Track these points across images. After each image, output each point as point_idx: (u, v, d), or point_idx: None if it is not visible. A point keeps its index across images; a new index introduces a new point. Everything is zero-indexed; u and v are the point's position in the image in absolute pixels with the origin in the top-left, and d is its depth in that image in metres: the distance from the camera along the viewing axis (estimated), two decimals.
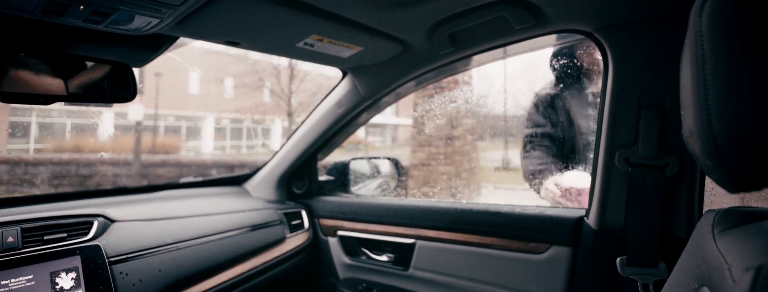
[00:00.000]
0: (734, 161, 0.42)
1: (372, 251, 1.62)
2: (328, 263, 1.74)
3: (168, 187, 1.67)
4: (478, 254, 1.35)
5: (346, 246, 1.70)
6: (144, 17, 0.85)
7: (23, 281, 0.94)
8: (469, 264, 1.37)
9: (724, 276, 0.45)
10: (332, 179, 1.93)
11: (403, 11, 1.04)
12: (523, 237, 1.26)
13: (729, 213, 0.55)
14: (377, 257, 1.59)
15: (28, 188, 3.74)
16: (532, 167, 1.82)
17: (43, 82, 0.90)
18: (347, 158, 1.96)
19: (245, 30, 1.05)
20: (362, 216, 1.65)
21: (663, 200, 1.02)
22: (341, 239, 1.72)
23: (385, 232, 1.58)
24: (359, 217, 1.66)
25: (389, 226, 1.56)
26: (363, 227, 1.65)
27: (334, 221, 1.74)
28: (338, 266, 1.72)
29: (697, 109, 0.43)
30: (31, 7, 0.75)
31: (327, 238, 1.78)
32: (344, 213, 1.71)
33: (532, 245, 1.24)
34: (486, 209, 1.36)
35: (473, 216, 1.37)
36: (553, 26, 1.11)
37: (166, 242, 1.23)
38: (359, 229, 1.66)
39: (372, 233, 1.63)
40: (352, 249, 1.68)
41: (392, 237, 1.54)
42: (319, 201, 1.83)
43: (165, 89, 11.94)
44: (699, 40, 0.44)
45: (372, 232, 1.62)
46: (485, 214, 1.35)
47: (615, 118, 1.08)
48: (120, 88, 1.02)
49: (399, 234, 1.52)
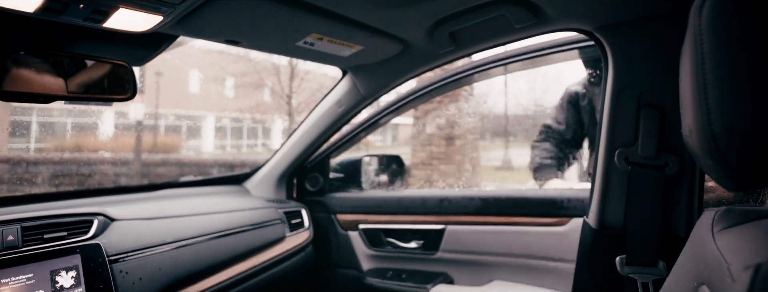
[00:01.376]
0: (734, 159, 0.42)
1: (400, 240, 1.72)
2: (349, 256, 1.81)
3: (168, 186, 1.68)
4: (506, 232, 1.54)
5: (370, 238, 1.76)
6: (144, 16, 0.85)
7: (23, 280, 0.95)
8: (497, 241, 1.55)
9: (723, 275, 0.45)
10: (342, 176, 1.98)
11: (403, 10, 1.04)
12: (548, 214, 1.48)
13: (728, 212, 0.55)
14: (405, 245, 1.71)
15: (28, 186, 3.75)
16: (541, 160, 1.95)
17: (43, 81, 0.90)
18: (358, 156, 2.01)
19: (245, 29, 1.05)
20: (387, 209, 1.75)
21: (663, 199, 1.02)
22: (364, 231, 1.77)
23: (413, 221, 1.70)
24: (384, 210, 1.76)
25: (417, 216, 1.69)
26: (389, 218, 1.74)
27: (355, 215, 1.81)
28: (361, 258, 1.79)
29: (697, 109, 0.43)
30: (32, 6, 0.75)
31: (347, 232, 1.83)
32: (368, 207, 1.79)
33: (555, 220, 1.47)
34: (511, 194, 1.58)
35: (501, 201, 1.57)
36: (553, 25, 1.11)
37: (166, 240, 1.23)
38: (385, 221, 1.75)
39: (399, 224, 1.71)
40: (376, 240, 1.75)
41: (421, 225, 1.67)
42: (334, 198, 1.87)
43: (165, 88, 11.94)
44: (698, 40, 0.44)
45: (399, 222, 1.72)
46: (511, 198, 1.57)
47: (615, 117, 1.08)
48: (120, 87, 1.02)
49: (428, 222, 1.66)
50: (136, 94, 1.04)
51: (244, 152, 16.10)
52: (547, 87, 12.79)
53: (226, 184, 1.90)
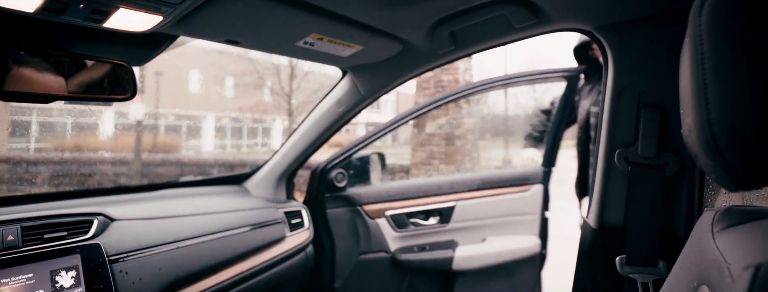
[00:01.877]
0: (734, 159, 0.42)
1: (421, 219, 2.05)
2: (379, 240, 2.02)
3: (168, 186, 1.68)
4: (492, 201, 2.06)
5: (397, 222, 2.02)
6: (144, 16, 0.85)
7: (23, 280, 0.95)
8: (488, 208, 2.05)
9: (723, 275, 0.45)
10: (353, 172, 2.14)
11: (403, 10, 1.04)
12: (519, 184, 2.10)
13: (728, 212, 0.55)
14: (425, 222, 2.03)
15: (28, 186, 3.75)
16: (532, 130, 2.51)
17: (43, 81, 0.90)
18: (367, 153, 2.17)
19: (245, 29, 1.05)
20: (410, 194, 2.05)
21: (662, 199, 1.02)
22: (392, 217, 2.01)
23: (432, 202, 2.04)
24: (407, 196, 2.05)
25: (434, 197, 2.05)
26: (412, 203, 2.04)
27: (380, 204, 2.03)
28: (389, 240, 2.02)
29: (697, 108, 0.43)
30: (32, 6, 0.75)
31: (374, 220, 2.00)
32: (392, 196, 2.05)
33: (523, 188, 2.09)
34: (497, 174, 2.16)
35: (492, 179, 2.10)
36: (553, 25, 1.11)
37: (166, 240, 1.23)
38: (409, 205, 2.04)
39: (420, 206, 2.04)
40: (401, 222, 2.01)
41: (437, 205, 2.03)
42: (356, 192, 2.03)
43: (165, 88, 11.94)
44: (698, 39, 0.44)
45: (420, 205, 2.04)
46: (498, 177, 2.13)
47: (615, 117, 1.08)
48: (120, 87, 1.02)
49: (442, 202, 2.04)
50: (136, 94, 1.04)
51: (244, 152, 16.10)
52: (547, 87, 12.80)
53: (226, 184, 1.90)
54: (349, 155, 2.02)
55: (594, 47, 1.96)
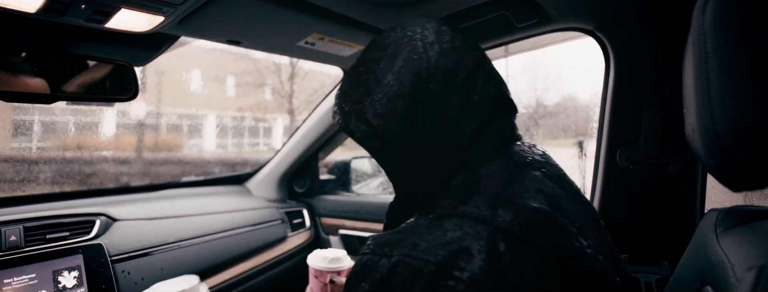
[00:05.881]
0: (738, 159, 0.42)
1: None
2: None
3: (170, 186, 1.68)
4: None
5: (348, 245, 1.72)
6: (145, 16, 0.85)
7: (26, 280, 0.95)
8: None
9: (726, 275, 0.45)
10: (333, 177, 1.95)
11: (404, 10, 1.04)
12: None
13: (732, 212, 0.55)
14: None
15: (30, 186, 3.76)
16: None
17: (45, 82, 0.90)
18: (348, 157, 1.98)
19: (246, 29, 1.05)
20: (364, 215, 1.69)
21: (665, 198, 1.02)
22: (343, 237, 1.74)
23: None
24: (361, 216, 1.69)
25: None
26: (364, 225, 1.68)
27: (336, 219, 1.76)
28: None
29: (701, 108, 0.43)
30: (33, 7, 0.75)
31: (328, 236, 1.79)
32: (346, 212, 1.73)
33: None
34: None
35: None
36: (554, 24, 1.11)
37: (168, 240, 1.24)
38: (360, 227, 1.69)
39: (374, 232, 1.65)
40: (353, 248, 1.70)
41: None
42: (321, 200, 1.84)
43: (167, 88, 11.94)
44: (702, 39, 0.43)
45: (374, 230, 1.65)
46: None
47: (616, 116, 1.07)
48: (122, 88, 1.02)
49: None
50: (138, 94, 1.04)
51: (246, 151, 16.10)
52: (548, 86, 12.78)
53: (228, 184, 1.90)
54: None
55: None
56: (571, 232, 0.56)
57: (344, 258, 0.99)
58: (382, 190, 2.08)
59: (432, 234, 0.52)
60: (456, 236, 0.51)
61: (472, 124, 0.62)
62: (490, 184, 0.58)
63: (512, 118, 0.70)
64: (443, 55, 0.64)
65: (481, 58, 0.68)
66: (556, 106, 4.95)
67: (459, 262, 0.48)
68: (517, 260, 0.49)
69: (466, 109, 0.62)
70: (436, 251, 0.50)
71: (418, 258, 0.50)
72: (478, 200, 0.55)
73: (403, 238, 0.54)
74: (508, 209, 0.54)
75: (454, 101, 0.62)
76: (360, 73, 0.68)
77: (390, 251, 0.53)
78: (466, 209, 0.54)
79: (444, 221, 0.54)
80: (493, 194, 0.56)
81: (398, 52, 0.65)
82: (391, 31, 0.70)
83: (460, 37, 0.68)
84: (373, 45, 0.70)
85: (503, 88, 0.68)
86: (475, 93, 0.63)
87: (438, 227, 0.53)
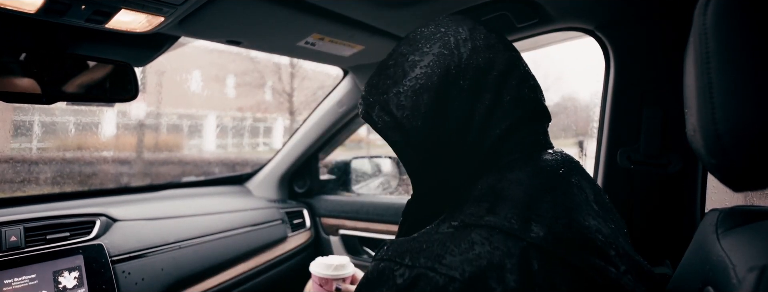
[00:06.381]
0: (739, 159, 0.42)
1: (374, 250, 1.66)
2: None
3: (170, 186, 1.68)
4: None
5: (348, 245, 1.73)
6: (145, 17, 0.85)
7: (26, 281, 0.95)
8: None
9: (728, 276, 0.45)
10: (334, 178, 1.95)
11: (404, 10, 1.04)
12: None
13: (732, 212, 0.55)
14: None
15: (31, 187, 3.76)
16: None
17: (45, 82, 0.90)
18: (349, 157, 1.97)
19: (246, 29, 1.05)
20: (364, 215, 1.69)
21: (665, 198, 1.02)
22: (343, 238, 1.74)
23: (388, 230, 1.61)
24: (361, 216, 1.70)
25: (391, 224, 1.60)
26: (365, 225, 1.68)
27: (336, 219, 1.77)
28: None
29: (702, 108, 0.43)
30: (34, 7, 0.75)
31: (328, 237, 1.79)
32: (346, 212, 1.74)
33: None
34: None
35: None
36: (554, 24, 1.11)
37: (169, 241, 1.24)
38: (361, 227, 1.69)
39: (374, 232, 1.66)
40: (353, 248, 1.71)
41: (394, 235, 1.57)
42: (321, 200, 1.84)
43: (167, 88, 11.93)
44: (703, 39, 0.43)
45: (374, 230, 1.65)
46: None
47: (617, 116, 1.07)
48: (122, 88, 1.02)
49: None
50: (138, 94, 1.04)
51: (246, 151, 16.10)
52: (548, 86, 12.79)
53: (228, 184, 1.90)
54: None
55: None
56: (607, 252, 0.52)
57: (348, 265, 0.97)
58: (382, 190, 2.08)
59: (458, 247, 0.48)
60: (485, 251, 0.47)
61: (502, 126, 0.59)
62: (519, 192, 0.53)
63: (545, 125, 0.66)
64: (476, 52, 0.61)
65: (516, 59, 0.64)
66: (557, 106, 4.95)
67: (489, 281, 0.45)
68: (551, 279, 0.46)
69: (496, 109, 0.59)
70: (462, 266, 0.46)
71: (443, 274, 0.46)
72: (507, 209, 0.51)
73: (425, 247, 0.50)
74: (540, 223, 0.49)
75: (484, 100, 0.59)
76: (389, 67, 0.65)
77: (410, 260, 0.49)
78: (494, 221, 0.50)
79: (470, 232, 0.49)
80: (524, 205, 0.51)
81: (429, 46, 0.62)
82: (423, 27, 0.67)
83: (495, 36, 0.65)
84: (405, 40, 0.67)
85: (538, 93, 0.65)
86: (507, 94, 0.60)
87: (464, 239, 0.49)
